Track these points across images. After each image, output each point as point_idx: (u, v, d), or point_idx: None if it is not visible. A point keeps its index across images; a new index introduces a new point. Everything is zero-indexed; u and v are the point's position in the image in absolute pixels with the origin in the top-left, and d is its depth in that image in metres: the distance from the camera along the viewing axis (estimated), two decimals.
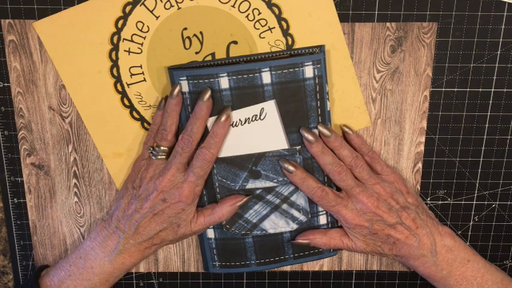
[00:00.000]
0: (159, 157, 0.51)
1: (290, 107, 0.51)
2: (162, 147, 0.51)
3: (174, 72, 0.51)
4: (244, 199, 0.54)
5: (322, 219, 0.56)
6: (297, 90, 0.51)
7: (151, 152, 0.52)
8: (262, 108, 0.51)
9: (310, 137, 0.51)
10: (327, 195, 0.52)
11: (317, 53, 0.51)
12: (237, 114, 0.51)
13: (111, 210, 0.55)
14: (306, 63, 0.50)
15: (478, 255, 0.55)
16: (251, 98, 0.51)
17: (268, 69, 0.50)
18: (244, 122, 0.51)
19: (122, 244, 0.52)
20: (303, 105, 0.51)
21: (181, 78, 0.50)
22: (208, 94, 0.49)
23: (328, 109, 0.52)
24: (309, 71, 0.50)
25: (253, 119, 0.51)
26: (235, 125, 0.52)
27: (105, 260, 0.53)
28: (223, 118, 0.50)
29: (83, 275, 0.53)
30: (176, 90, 0.50)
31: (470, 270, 0.54)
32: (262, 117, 0.51)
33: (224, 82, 0.50)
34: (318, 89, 0.51)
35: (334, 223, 0.56)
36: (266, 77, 0.50)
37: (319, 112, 0.52)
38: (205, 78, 0.50)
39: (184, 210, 0.52)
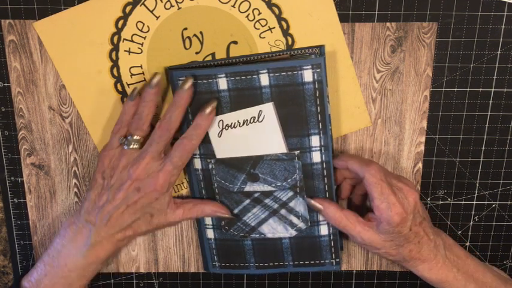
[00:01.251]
0: (132, 146, 0.50)
1: (289, 110, 0.50)
2: (136, 137, 0.50)
3: (173, 72, 0.51)
4: (226, 215, 0.54)
5: (323, 230, 0.55)
6: (295, 94, 0.50)
7: (124, 142, 0.50)
8: (261, 110, 0.51)
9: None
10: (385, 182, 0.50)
11: (317, 55, 0.51)
12: (236, 116, 0.51)
13: (80, 205, 0.54)
14: (304, 67, 0.49)
15: (469, 253, 0.55)
16: (249, 100, 0.50)
17: (266, 71, 0.49)
18: (243, 124, 0.51)
19: (93, 237, 0.51)
20: (302, 110, 0.50)
21: (180, 79, 0.50)
22: (189, 83, 0.49)
23: (329, 113, 0.52)
24: (308, 75, 0.49)
25: (252, 121, 0.51)
26: (234, 127, 0.51)
27: (78, 256, 0.51)
28: (207, 110, 0.49)
29: (58, 273, 0.52)
30: (155, 79, 0.49)
31: (472, 267, 0.53)
32: (260, 120, 0.51)
33: (222, 83, 0.50)
34: (317, 94, 0.50)
35: (336, 234, 0.55)
36: (264, 79, 0.50)
37: (319, 118, 0.51)
38: (204, 78, 0.50)
39: (157, 200, 0.50)
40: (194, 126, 0.50)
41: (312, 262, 0.57)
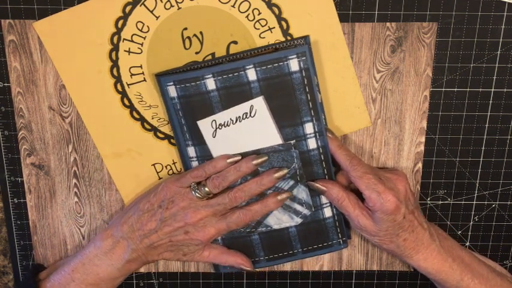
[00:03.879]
0: (198, 195, 0.52)
1: (280, 101, 0.51)
2: (207, 190, 0.51)
3: (161, 78, 0.51)
4: (249, 268, 0.55)
5: (327, 212, 0.55)
6: (284, 84, 0.50)
7: (194, 188, 0.52)
8: (252, 105, 0.51)
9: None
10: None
11: (302, 45, 0.51)
12: (228, 114, 0.51)
13: (121, 215, 0.54)
14: (290, 57, 0.49)
15: (463, 246, 0.55)
16: (239, 97, 0.51)
17: (252, 66, 0.49)
18: (236, 121, 0.51)
19: (130, 254, 0.53)
20: (292, 100, 0.51)
21: (168, 84, 0.50)
22: (283, 173, 0.52)
23: (320, 101, 0.52)
24: (294, 65, 0.50)
25: (244, 116, 0.51)
26: (227, 125, 0.51)
27: (113, 268, 0.53)
28: (280, 197, 0.53)
29: (88, 280, 0.53)
30: (261, 160, 0.51)
31: (467, 258, 0.54)
32: (252, 115, 0.51)
33: (210, 83, 0.50)
34: (306, 82, 0.50)
35: (340, 215, 0.56)
36: (251, 74, 0.50)
37: (311, 105, 0.51)
38: (192, 81, 0.50)
39: (197, 246, 0.53)
40: (262, 205, 0.52)
41: (320, 245, 0.57)
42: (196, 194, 0.51)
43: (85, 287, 0.53)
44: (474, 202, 0.59)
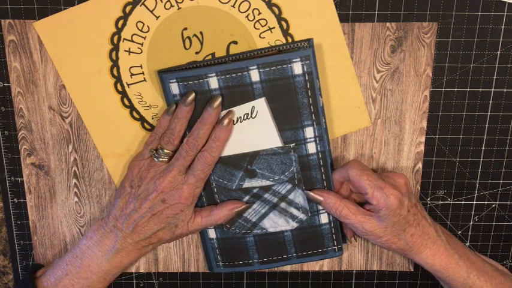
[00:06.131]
0: (161, 159, 0.51)
1: (281, 104, 0.51)
2: (166, 150, 0.51)
3: (164, 75, 0.51)
4: (243, 206, 0.54)
5: (324, 218, 0.56)
6: (286, 87, 0.50)
7: (154, 154, 0.52)
8: (253, 106, 0.51)
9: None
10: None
11: (305, 48, 0.51)
12: None
13: (108, 210, 0.55)
14: (293, 60, 0.49)
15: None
16: (241, 97, 0.51)
17: (255, 67, 0.49)
18: (236, 121, 0.51)
19: (119, 243, 0.52)
20: (294, 103, 0.51)
21: (171, 81, 0.51)
22: (218, 101, 0.50)
23: (321, 105, 0.52)
24: (297, 68, 0.50)
25: (245, 117, 0.51)
26: None
27: (103, 259, 0.53)
28: (225, 122, 0.50)
29: (80, 273, 0.53)
30: (190, 98, 0.50)
31: (472, 256, 0.53)
32: (253, 116, 0.51)
33: (213, 82, 0.50)
34: (308, 86, 0.50)
35: (336, 222, 0.56)
36: (254, 75, 0.50)
37: (312, 109, 0.51)
38: (195, 79, 0.50)
39: (182, 211, 0.52)
40: (213, 139, 0.50)
41: (315, 251, 0.57)
42: (160, 159, 0.51)
43: (77, 281, 0.53)
44: (474, 202, 0.59)
